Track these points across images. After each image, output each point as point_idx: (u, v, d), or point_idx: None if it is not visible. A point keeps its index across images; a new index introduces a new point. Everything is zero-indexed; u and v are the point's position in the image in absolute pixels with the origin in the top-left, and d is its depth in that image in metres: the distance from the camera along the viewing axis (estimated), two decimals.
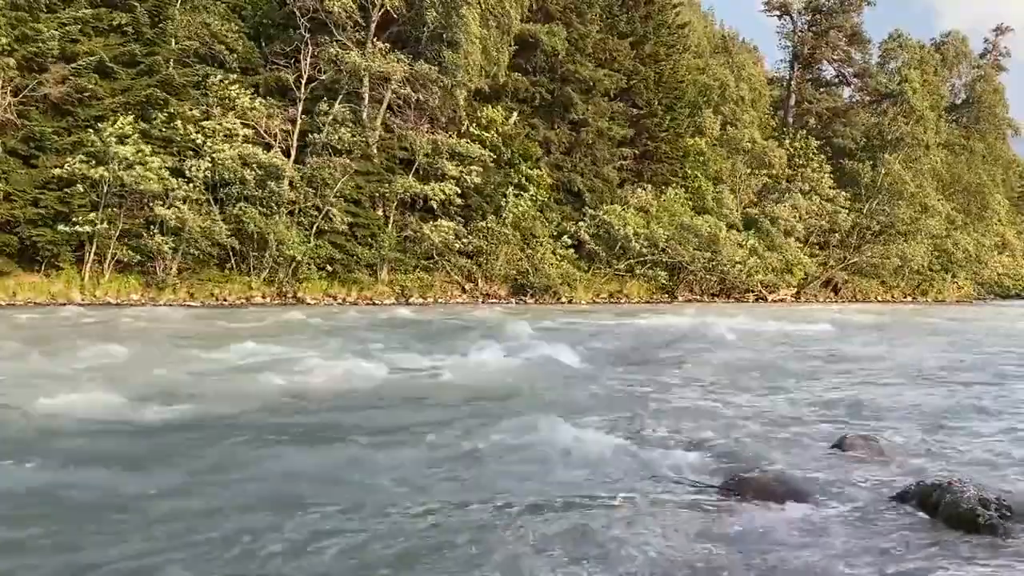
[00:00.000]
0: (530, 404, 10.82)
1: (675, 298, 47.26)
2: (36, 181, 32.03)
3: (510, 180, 43.64)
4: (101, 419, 9.52)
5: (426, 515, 6.23)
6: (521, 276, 42.24)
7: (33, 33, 31.99)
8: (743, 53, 70.56)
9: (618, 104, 49.26)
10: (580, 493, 6.81)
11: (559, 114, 47.54)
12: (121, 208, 32.60)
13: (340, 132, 37.57)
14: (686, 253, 47.17)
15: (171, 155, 34.09)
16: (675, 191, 49.36)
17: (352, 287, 38.07)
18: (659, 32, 52.59)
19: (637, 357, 17.13)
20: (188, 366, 13.98)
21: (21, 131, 32.26)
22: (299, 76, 38.07)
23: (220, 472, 7.47)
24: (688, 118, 53.26)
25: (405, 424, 9.58)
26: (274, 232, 35.25)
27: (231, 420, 9.79)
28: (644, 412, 10.55)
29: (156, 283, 33.67)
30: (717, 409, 10.97)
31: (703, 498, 6.78)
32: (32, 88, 32.20)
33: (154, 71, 34.94)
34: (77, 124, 33.08)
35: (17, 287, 31.28)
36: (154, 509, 6.34)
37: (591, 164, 47.49)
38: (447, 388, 12.44)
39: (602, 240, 45.69)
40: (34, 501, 6.61)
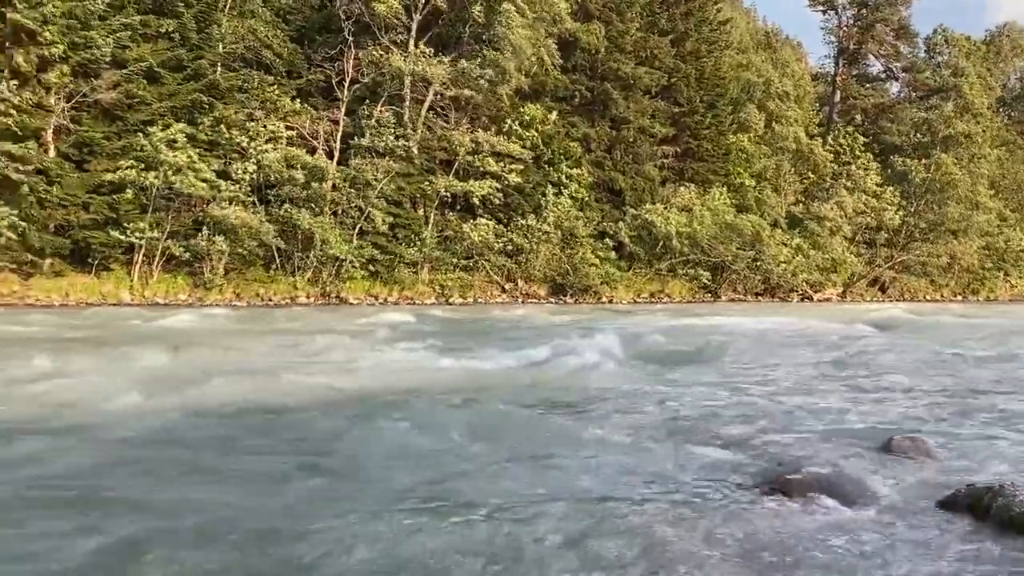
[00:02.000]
0: (568, 404, 10.81)
1: (718, 298, 46.81)
2: (88, 185, 32.86)
3: (550, 179, 43.62)
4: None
5: (466, 515, 6.25)
6: (561, 276, 42.17)
7: (86, 40, 32.78)
8: (786, 49, 69.70)
9: (659, 102, 48.93)
10: (619, 493, 6.79)
11: (599, 112, 47.39)
12: (169, 211, 33.27)
13: (382, 134, 37.92)
14: (729, 252, 46.68)
15: (217, 158, 34.70)
16: (718, 189, 48.88)
17: (393, 287, 38.38)
18: (700, 29, 52.13)
19: (678, 357, 16.99)
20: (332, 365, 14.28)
21: (73, 136, 33.13)
22: (342, 78, 38.50)
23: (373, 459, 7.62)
24: (730, 115, 52.72)
25: (449, 422, 9.64)
26: (320, 229, 35.69)
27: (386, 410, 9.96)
28: (686, 412, 10.48)
29: (203, 283, 34.30)
30: (760, 409, 10.84)
31: (745, 499, 6.71)
32: (84, 94, 33.02)
33: (200, 75, 35.60)
34: (127, 128, 33.86)
35: (70, 287, 32.12)
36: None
37: (632, 162, 47.24)
38: (488, 387, 12.47)
39: (643, 239, 45.41)
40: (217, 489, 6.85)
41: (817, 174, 55.57)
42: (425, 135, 40.20)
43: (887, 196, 55.33)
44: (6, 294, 30.87)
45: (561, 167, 44.05)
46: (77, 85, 32.90)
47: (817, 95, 67.90)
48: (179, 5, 35.48)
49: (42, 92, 32.16)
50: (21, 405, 10.34)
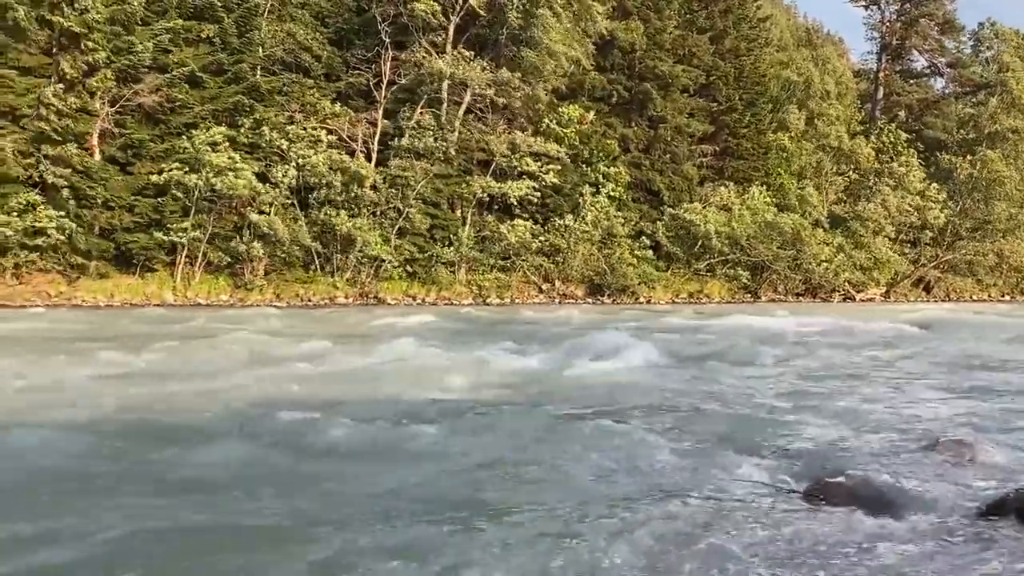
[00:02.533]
0: (607, 405, 10.75)
1: (758, 298, 46.26)
2: (132, 187, 33.52)
3: (587, 179, 43.49)
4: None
5: (501, 515, 6.23)
6: (598, 276, 42.00)
7: (129, 46, 33.43)
8: (827, 46, 68.73)
9: (697, 100, 48.52)
10: (658, 497, 6.72)
11: (637, 111, 47.14)
12: (211, 213, 33.77)
13: (421, 136, 38.13)
14: (769, 252, 46.13)
15: (257, 160, 35.15)
16: (757, 188, 48.33)
17: (431, 287, 38.54)
18: (739, 26, 51.59)
19: (717, 358, 16.80)
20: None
21: (118, 139, 33.80)
22: (379, 81, 38.78)
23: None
24: (770, 114, 52.10)
25: (490, 423, 9.65)
26: (359, 230, 35.99)
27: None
28: (725, 414, 10.36)
29: (244, 284, 34.75)
30: (801, 411, 10.68)
31: (786, 503, 6.61)
32: (128, 98, 33.66)
33: (241, 79, 36.10)
34: (169, 132, 34.47)
35: (115, 288, 32.78)
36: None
37: (670, 162, 46.91)
38: (526, 388, 12.46)
39: (681, 239, 45.07)
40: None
41: (859, 172, 54.66)
42: (463, 136, 40.31)
43: (932, 194, 54.20)
44: (53, 295, 31.61)
45: (598, 167, 43.90)
46: (121, 89, 33.54)
47: (859, 92, 66.78)
48: (220, 10, 36.02)
49: (87, 97, 32.85)
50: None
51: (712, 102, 49.23)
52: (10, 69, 31.96)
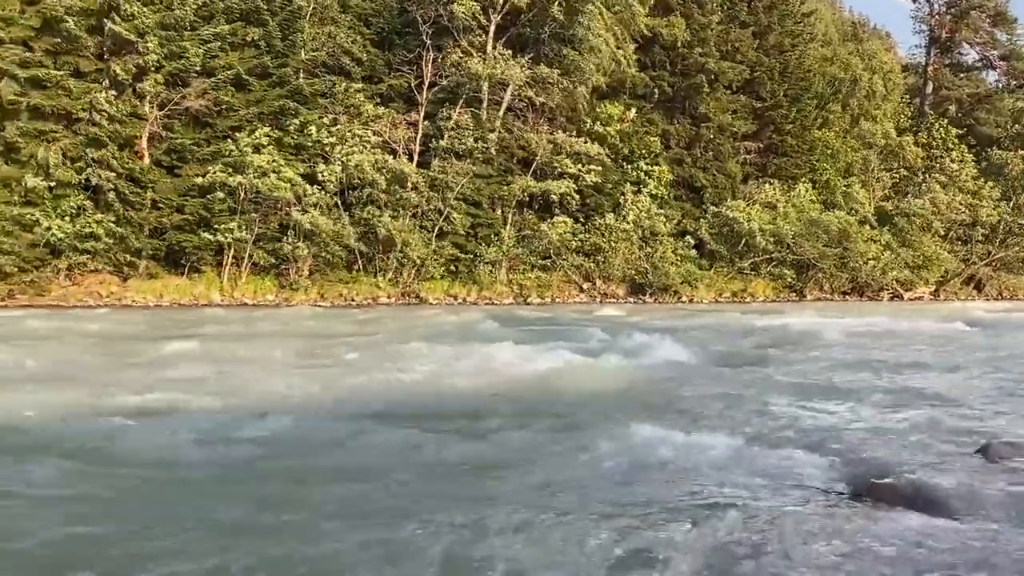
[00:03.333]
0: (651, 407, 10.71)
1: (803, 297, 45.61)
2: (180, 189, 34.17)
3: (628, 177, 43.26)
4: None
5: (543, 517, 6.24)
6: (640, 275, 41.74)
7: (179, 50, 34.08)
8: (874, 40, 67.33)
9: (741, 97, 47.97)
10: (703, 500, 6.69)
11: (679, 108, 46.78)
12: (257, 214, 34.28)
13: (461, 136, 38.28)
14: (814, 250, 45.44)
15: (302, 162, 35.59)
16: (802, 185, 47.62)
17: (472, 287, 38.66)
18: (783, 21, 50.85)
19: (762, 358, 16.62)
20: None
21: (166, 143, 34.49)
22: (421, 82, 39.01)
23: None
24: (816, 110, 51.29)
25: (531, 425, 9.68)
26: (400, 232, 36.25)
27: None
28: (771, 415, 10.26)
29: (289, 284, 35.23)
30: (848, 412, 10.54)
31: (833, 505, 6.54)
32: (176, 102, 34.32)
33: (285, 82, 36.58)
34: (216, 135, 35.05)
35: (163, 288, 33.45)
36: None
37: (713, 159, 46.46)
38: (565, 389, 12.46)
39: (725, 237, 44.60)
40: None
41: (908, 169, 53.55)
42: (503, 136, 40.36)
43: (984, 191, 52.88)
44: (105, 295, 32.37)
45: (640, 165, 43.61)
46: (169, 93, 34.21)
47: (907, 87, 65.38)
48: (264, 14, 36.49)
49: (136, 101, 33.57)
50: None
51: (756, 98, 48.62)
52: (64, 74, 32.77)
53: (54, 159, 31.99)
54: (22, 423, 9.44)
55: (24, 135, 31.66)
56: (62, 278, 31.96)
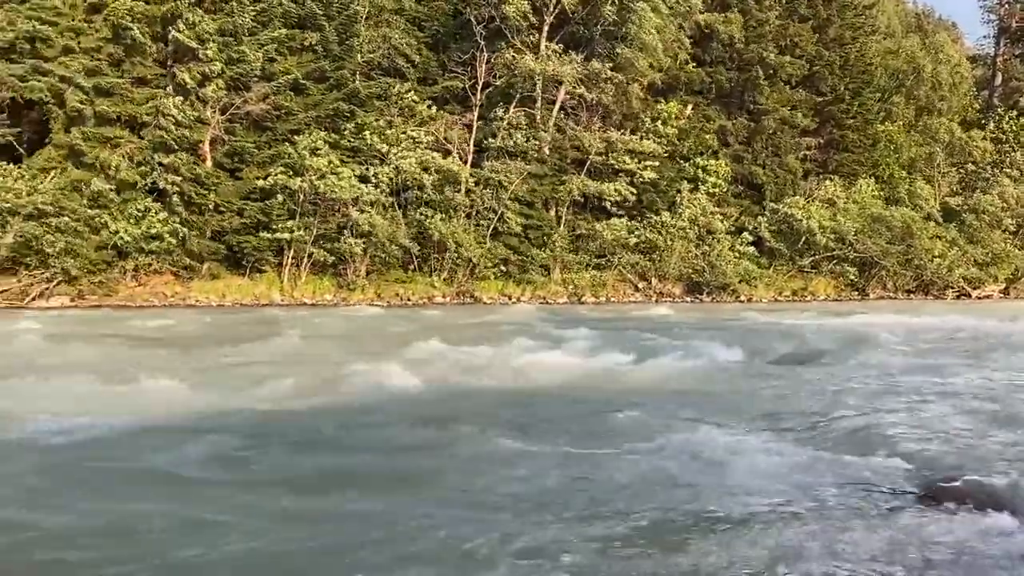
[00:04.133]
0: (712, 408, 10.60)
1: (866, 296, 44.53)
2: (241, 192, 34.93)
3: (685, 174, 42.76)
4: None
5: (605, 519, 6.22)
6: (696, 274, 41.23)
7: (239, 56, 34.84)
8: (940, 32, 65.40)
9: (800, 91, 47.07)
10: (770, 501, 6.59)
11: (737, 104, 46.12)
12: (315, 215, 34.84)
13: (515, 136, 38.33)
14: (877, 247, 44.32)
15: (359, 164, 36.04)
16: (864, 181, 46.50)
17: (526, 287, 38.68)
18: (844, 14, 49.70)
19: (824, 358, 16.31)
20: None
21: (227, 146, 35.28)
22: (474, 83, 39.18)
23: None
24: (878, 103, 50.04)
25: (591, 426, 9.68)
26: (453, 235, 36.47)
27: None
28: (834, 416, 10.08)
29: (347, 284, 35.73)
30: (914, 413, 10.27)
31: (900, 507, 6.38)
32: (237, 106, 35.09)
33: (341, 85, 37.09)
34: (275, 138, 35.72)
35: (226, 289, 34.24)
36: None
37: (772, 155, 45.68)
38: (626, 390, 12.41)
39: (784, 235, 43.80)
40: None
41: (975, 163, 51.87)
42: (556, 136, 40.29)
43: None
44: (169, 295, 33.27)
45: (697, 162, 43.08)
46: (231, 98, 34.98)
47: (975, 78, 63.32)
48: (321, 18, 37.07)
49: (200, 106, 34.40)
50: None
51: (816, 93, 47.64)
52: (127, 81, 33.76)
53: (120, 163, 32.99)
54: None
55: (90, 140, 32.70)
56: (128, 279, 32.93)
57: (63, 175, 32.63)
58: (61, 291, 31.57)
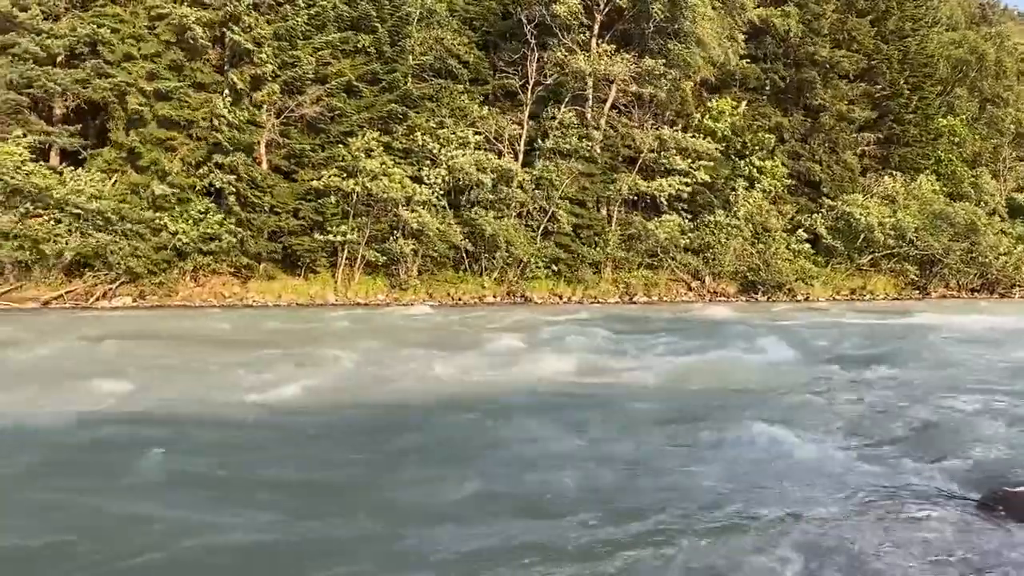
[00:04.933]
0: (770, 409, 10.45)
1: (927, 294, 43.38)
2: (296, 193, 35.46)
3: (740, 172, 42.15)
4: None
5: (682, 518, 6.19)
6: (751, 272, 40.62)
7: (294, 60, 35.38)
8: (1006, 21, 63.42)
9: (858, 86, 46.07)
10: (828, 505, 6.46)
11: (793, 100, 45.33)
12: (368, 216, 35.21)
13: (566, 135, 38.22)
14: (939, 244, 43.13)
15: (411, 164, 36.31)
16: (925, 177, 45.29)
17: (577, 286, 38.54)
18: (904, 6, 48.51)
19: (884, 359, 15.92)
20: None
21: (283, 149, 35.86)
22: (525, 82, 39.17)
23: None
24: (939, 97, 48.70)
25: (642, 425, 9.63)
26: (504, 234, 36.52)
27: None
28: (896, 419, 9.83)
29: (399, 284, 36.03)
30: (977, 416, 9.94)
31: (961, 513, 6.17)
32: (292, 109, 35.65)
33: (394, 87, 37.41)
34: (329, 140, 36.18)
35: (282, 289, 34.80)
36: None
37: (830, 151, 44.79)
38: (683, 390, 12.30)
39: (842, 232, 42.90)
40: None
41: None
42: (608, 134, 40.06)
43: None
44: (227, 296, 33.93)
45: (752, 159, 42.43)
46: (285, 101, 35.56)
47: None
48: (374, 20, 37.43)
49: (254, 109, 35.02)
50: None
51: (874, 87, 46.59)
52: (185, 85, 34.54)
53: (178, 166, 33.78)
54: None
55: (150, 144, 33.53)
56: (188, 279, 33.68)
57: (124, 178, 33.53)
58: (123, 292, 32.44)
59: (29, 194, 30.85)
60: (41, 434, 9.13)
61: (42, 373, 13.26)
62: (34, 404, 10.58)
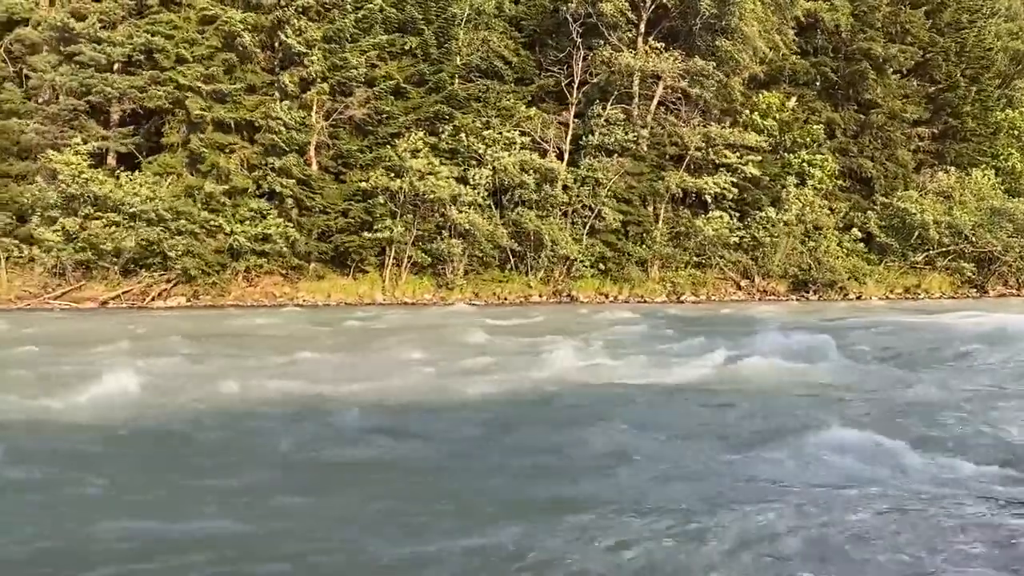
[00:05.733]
0: (824, 411, 10.34)
1: (985, 293, 42.28)
2: (345, 194, 35.93)
3: (789, 169, 41.51)
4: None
5: (740, 521, 6.19)
6: (803, 271, 40.01)
7: (341, 62, 35.84)
8: None
9: (912, 80, 45.05)
10: (879, 508, 6.39)
11: (844, 95, 44.52)
12: (415, 216, 35.51)
13: (612, 132, 38.07)
14: (997, 241, 41.99)
15: (456, 165, 36.52)
16: (982, 172, 44.10)
17: (623, 285, 38.36)
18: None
19: (940, 359, 15.60)
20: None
21: (332, 150, 36.35)
22: (571, 81, 39.08)
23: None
24: (998, 89, 47.38)
25: (703, 421, 9.65)
26: (549, 233, 36.51)
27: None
28: (953, 422, 9.66)
29: (445, 284, 36.27)
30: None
31: (1007, 516, 6.06)
32: (340, 111, 36.11)
33: (440, 88, 37.67)
34: (377, 141, 36.58)
35: (331, 289, 35.30)
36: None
37: (882, 147, 43.90)
38: (737, 391, 12.27)
39: (896, 229, 42.02)
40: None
41: None
42: (655, 131, 39.78)
43: None
44: (278, 296, 34.53)
45: (802, 156, 41.73)
46: (334, 103, 36.03)
47: None
48: (421, 22, 37.72)
49: (303, 112, 35.56)
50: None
51: (929, 82, 45.52)
52: (239, 87, 35.19)
53: (234, 167, 34.47)
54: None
55: (207, 146, 34.26)
56: (240, 279, 34.35)
57: (179, 180, 34.31)
58: (177, 292, 33.22)
59: (88, 199, 31.81)
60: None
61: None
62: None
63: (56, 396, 10.71)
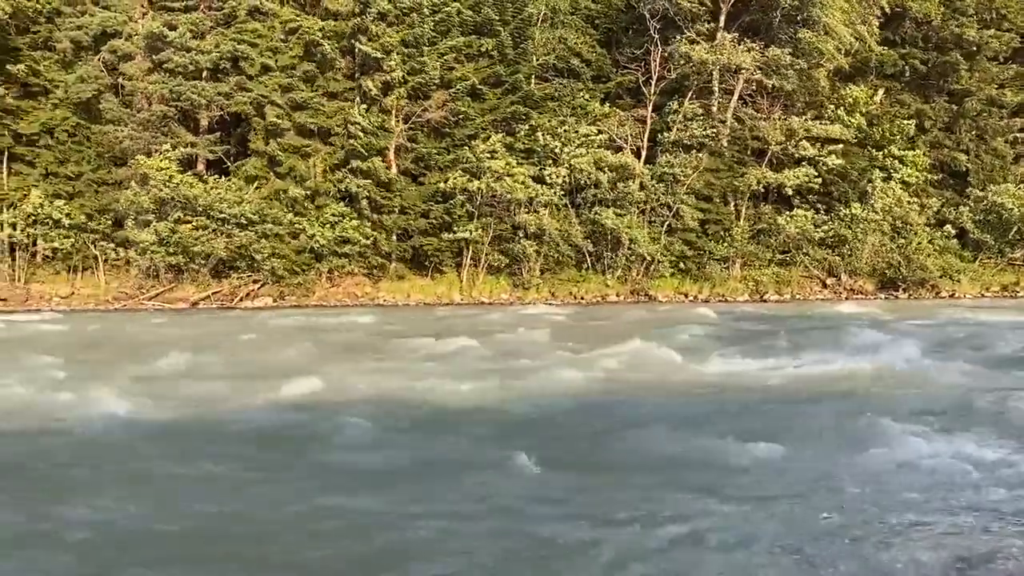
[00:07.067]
0: (918, 413, 10.05)
1: None
2: (424, 195, 36.38)
3: (876, 163, 40.13)
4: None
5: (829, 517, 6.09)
6: (891, 269, 38.65)
7: (419, 66, 36.26)
8: None
9: (1010, 67, 43.06)
10: (958, 506, 6.18)
11: (935, 86, 42.84)
12: (492, 216, 35.69)
13: (690, 128, 37.49)
14: None
15: (532, 164, 36.54)
16: None
17: (703, 284, 37.74)
18: None
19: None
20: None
21: (411, 153, 36.83)
22: (648, 77, 38.63)
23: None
24: None
25: (787, 427, 9.53)
26: (626, 231, 36.19)
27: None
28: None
29: (522, 283, 36.33)
30: None
31: None
32: (418, 114, 36.55)
33: (516, 89, 37.74)
34: (454, 143, 36.90)
35: (410, 289, 35.80)
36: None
37: (977, 139, 42.10)
38: (827, 391, 12.02)
39: (992, 225, 40.22)
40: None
41: None
42: (735, 126, 39.00)
43: None
44: (360, 296, 35.20)
45: (891, 150, 40.28)
46: (412, 106, 36.49)
47: None
48: (497, 24, 37.84)
49: (383, 116, 36.12)
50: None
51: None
52: (318, 94, 35.99)
53: (315, 172, 35.30)
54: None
55: (288, 151, 35.15)
56: (323, 280, 35.16)
57: (266, 185, 35.30)
58: (264, 292, 34.18)
59: (178, 203, 33.03)
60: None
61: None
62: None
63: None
